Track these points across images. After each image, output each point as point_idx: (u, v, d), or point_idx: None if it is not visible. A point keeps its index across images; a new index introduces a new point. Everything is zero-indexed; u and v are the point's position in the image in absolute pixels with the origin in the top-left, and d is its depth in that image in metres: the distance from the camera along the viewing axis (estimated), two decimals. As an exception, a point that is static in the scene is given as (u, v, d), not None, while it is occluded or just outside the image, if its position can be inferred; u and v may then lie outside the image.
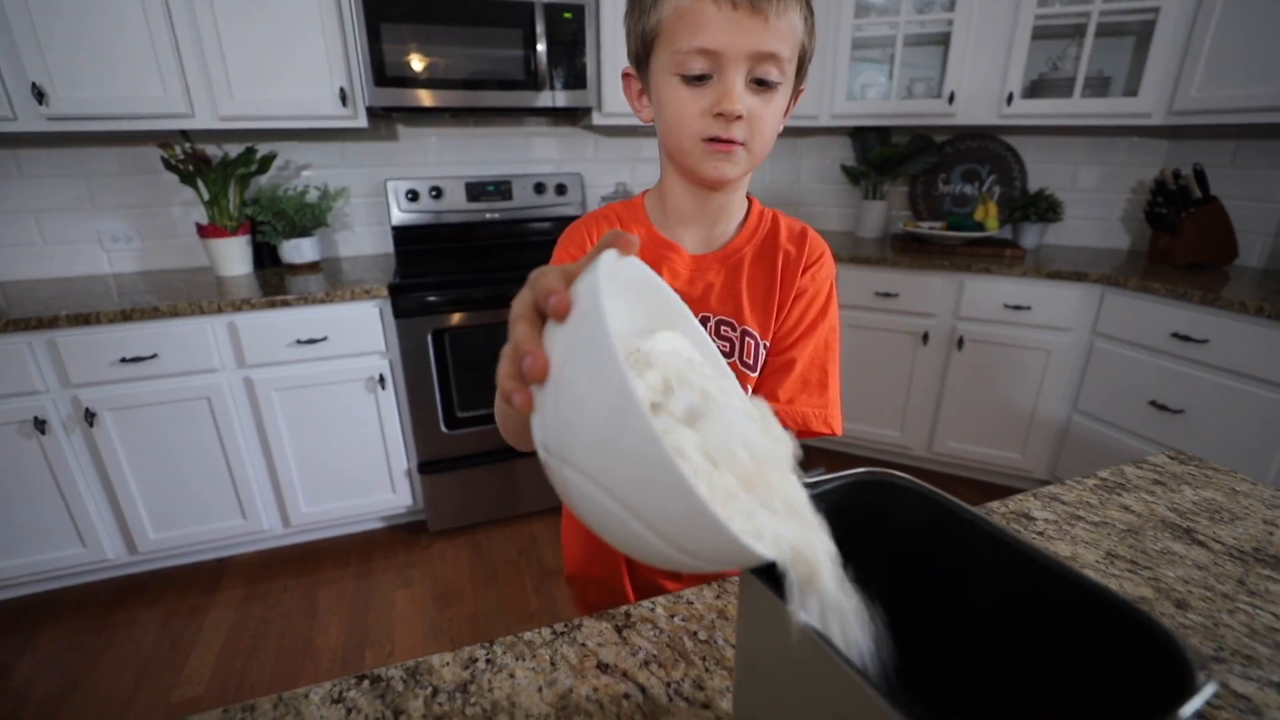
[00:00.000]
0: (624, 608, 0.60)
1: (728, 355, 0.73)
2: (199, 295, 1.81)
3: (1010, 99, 2.28)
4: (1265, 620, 0.58)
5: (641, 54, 0.66)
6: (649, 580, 0.85)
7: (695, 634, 0.57)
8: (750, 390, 0.74)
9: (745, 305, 0.73)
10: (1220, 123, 2.00)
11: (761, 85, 0.61)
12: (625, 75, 0.71)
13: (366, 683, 0.52)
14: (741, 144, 0.63)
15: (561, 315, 0.32)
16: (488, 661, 0.54)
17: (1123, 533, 0.71)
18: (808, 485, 0.36)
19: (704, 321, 0.73)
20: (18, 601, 1.92)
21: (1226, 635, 0.56)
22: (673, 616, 0.59)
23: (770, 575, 0.32)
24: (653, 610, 0.60)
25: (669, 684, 0.52)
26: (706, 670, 0.53)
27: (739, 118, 0.61)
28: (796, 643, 0.32)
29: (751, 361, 0.74)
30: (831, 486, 0.40)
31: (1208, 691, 0.26)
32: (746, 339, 0.73)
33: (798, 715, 0.34)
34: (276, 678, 1.65)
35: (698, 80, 0.61)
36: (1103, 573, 0.65)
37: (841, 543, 0.33)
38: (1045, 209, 2.48)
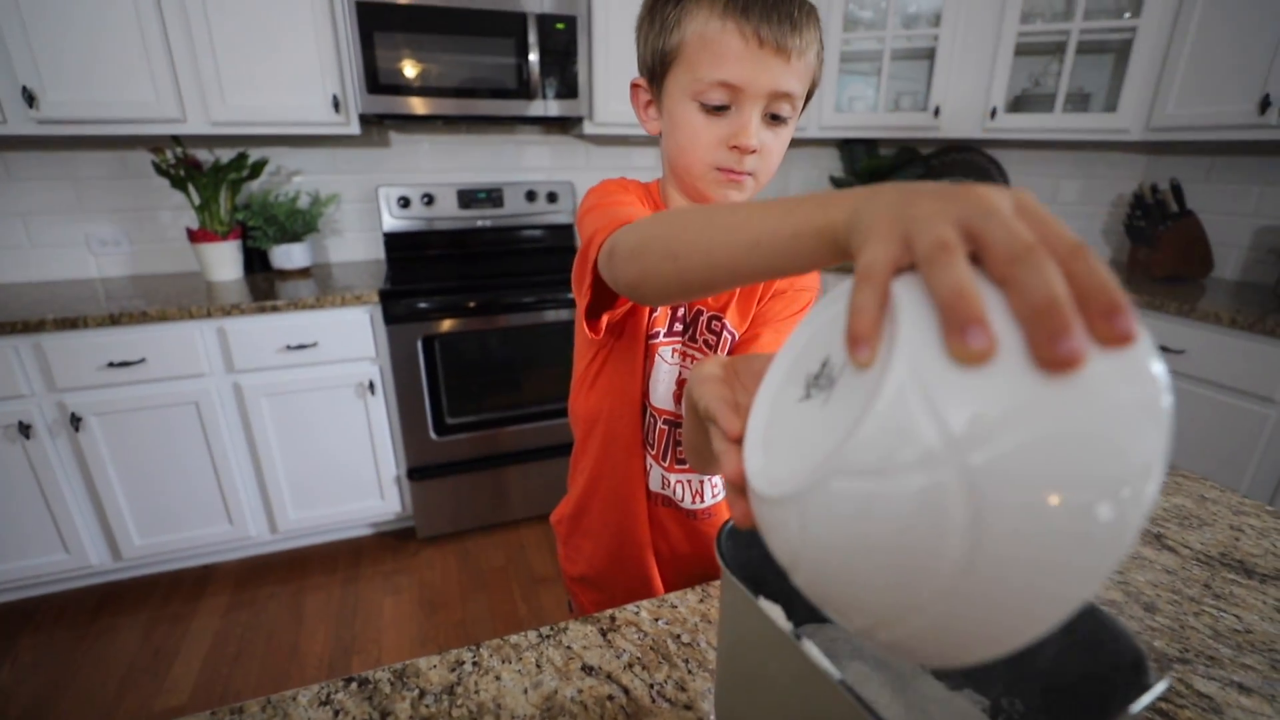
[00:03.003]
0: (609, 611, 0.62)
1: (712, 349, 0.74)
2: (188, 300, 1.81)
3: (994, 113, 2.32)
4: (1228, 622, 0.60)
5: (656, 70, 0.66)
6: (680, 576, 0.84)
7: (679, 637, 0.58)
8: None
9: (734, 301, 0.75)
10: (1196, 139, 2.04)
11: (775, 119, 0.63)
12: (634, 86, 0.71)
13: (354, 685, 0.52)
14: (751, 174, 0.66)
15: None
16: (474, 664, 0.55)
17: (1095, 539, 0.73)
18: None
19: (696, 316, 0.74)
20: (-2, 608, 1.90)
21: (1191, 637, 0.58)
22: (657, 620, 0.60)
23: (750, 577, 0.34)
24: (637, 614, 0.61)
25: (652, 685, 0.53)
26: (689, 672, 0.54)
27: (753, 152, 0.63)
28: (773, 643, 0.33)
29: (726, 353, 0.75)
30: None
31: (1159, 689, 0.28)
32: (725, 334, 0.74)
33: (776, 715, 0.36)
34: (262, 685, 1.64)
35: (715, 110, 0.62)
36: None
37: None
38: (1028, 221, 2.52)
